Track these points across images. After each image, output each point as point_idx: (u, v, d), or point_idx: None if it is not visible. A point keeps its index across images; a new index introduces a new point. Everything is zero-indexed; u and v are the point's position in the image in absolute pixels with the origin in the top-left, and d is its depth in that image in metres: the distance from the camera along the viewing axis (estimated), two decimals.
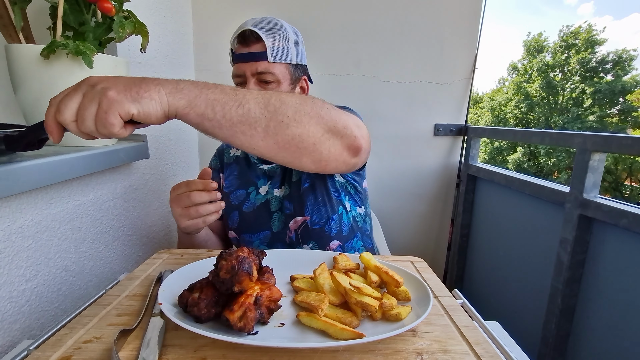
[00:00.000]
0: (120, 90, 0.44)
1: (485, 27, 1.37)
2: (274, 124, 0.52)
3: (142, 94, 0.46)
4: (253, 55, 0.80)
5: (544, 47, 20.57)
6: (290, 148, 0.54)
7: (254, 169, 0.96)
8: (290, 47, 0.83)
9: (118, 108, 0.43)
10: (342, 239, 0.90)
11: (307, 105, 0.55)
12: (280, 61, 0.81)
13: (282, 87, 0.83)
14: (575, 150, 1.04)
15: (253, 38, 0.80)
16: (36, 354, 0.43)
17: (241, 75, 0.83)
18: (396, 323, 0.49)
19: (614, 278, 0.94)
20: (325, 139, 0.57)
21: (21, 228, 0.62)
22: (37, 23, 0.75)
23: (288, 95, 0.55)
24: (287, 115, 0.53)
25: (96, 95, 0.43)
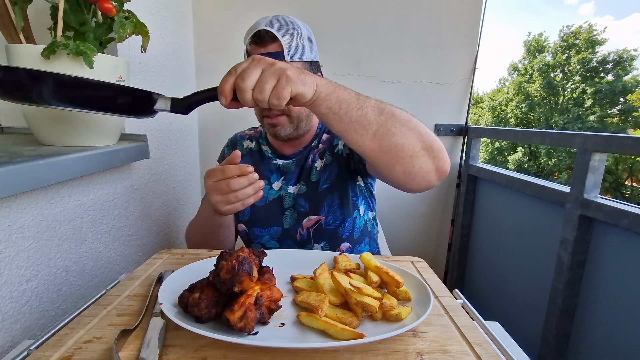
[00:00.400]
0: (294, 72, 0.54)
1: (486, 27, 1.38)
2: (383, 130, 0.60)
3: (307, 80, 0.55)
4: (269, 56, 0.78)
5: (545, 47, 20.56)
6: (390, 154, 0.61)
7: (267, 162, 0.95)
8: (305, 44, 0.82)
9: (292, 86, 0.53)
10: (353, 242, 0.90)
11: (412, 122, 0.63)
12: (297, 60, 0.80)
13: None
14: (576, 151, 1.04)
15: (268, 38, 0.79)
16: (37, 354, 0.43)
17: None
18: (396, 323, 0.49)
19: (614, 278, 0.94)
20: (420, 155, 0.63)
21: (22, 228, 0.62)
22: (38, 23, 0.75)
23: (399, 110, 0.65)
24: (394, 126, 0.61)
25: (276, 72, 0.53)
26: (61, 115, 0.71)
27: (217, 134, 1.63)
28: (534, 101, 19.84)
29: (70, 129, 0.73)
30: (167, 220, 1.24)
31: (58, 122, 0.72)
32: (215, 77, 1.78)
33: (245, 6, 1.53)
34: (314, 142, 0.94)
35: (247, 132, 1.03)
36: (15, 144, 0.74)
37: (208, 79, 1.58)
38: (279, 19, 0.82)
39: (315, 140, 0.94)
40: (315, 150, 0.92)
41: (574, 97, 18.93)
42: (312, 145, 0.93)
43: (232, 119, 1.61)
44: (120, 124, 0.84)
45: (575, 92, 18.89)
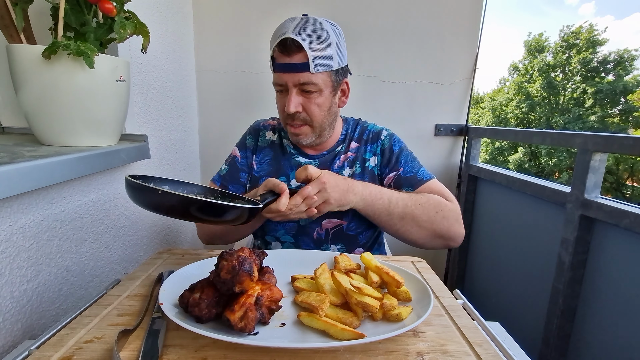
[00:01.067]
0: (337, 198, 0.74)
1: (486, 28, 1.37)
2: (402, 231, 0.81)
3: (346, 200, 0.76)
4: (295, 67, 0.78)
5: (545, 47, 20.54)
6: (406, 241, 0.84)
7: (288, 158, 0.93)
8: (332, 52, 0.80)
9: (325, 209, 0.74)
10: (367, 248, 0.92)
11: (427, 216, 0.80)
12: (322, 70, 0.79)
13: (323, 95, 0.82)
14: (577, 151, 1.04)
15: (294, 47, 0.77)
16: (37, 354, 0.43)
17: (282, 84, 0.81)
18: (397, 323, 0.49)
19: (615, 278, 0.94)
20: (431, 242, 0.83)
21: (22, 228, 0.62)
22: (39, 24, 0.75)
23: (419, 207, 0.80)
24: (412, 226, 0.81)
25: (322, 198, 0.73)
26: (62, 116, 0.71)
27: (218, 134, 1.63)
28: (534, 101, 19.82)
29: (71, 129, 0.73)
30: (167, 220, 1.24)
31: (59, 122, 0.72)
32: (216, 77, 1.78)
33: (245, 6, 1.53)
34: (340, 147, 0.93)
35: (270, 122, 1.00)
36: (16, 144, 0.74)
37: (209, 78, 1.58)
38: (308, 23, 0.78)
39: (341, 146, 0.93)
40: (342, 156, 0.92)
41: (574, 97, 18.91)
42: (338, 151, 0.93)
43: (232, 120, 1.61)
44: (120, 124, 0.85)
45: (575, 92, 18.87)
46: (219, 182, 0.93)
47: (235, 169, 0.94)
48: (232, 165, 0.95)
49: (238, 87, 1.60)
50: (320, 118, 0.84)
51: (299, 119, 0.83)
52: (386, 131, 0.96)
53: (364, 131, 0.96)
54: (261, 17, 1.53)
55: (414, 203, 0.80)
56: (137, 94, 1.04)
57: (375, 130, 0.95)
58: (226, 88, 1.59)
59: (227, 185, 0.92)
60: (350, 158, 0.92)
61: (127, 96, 0.83)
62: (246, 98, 1.60)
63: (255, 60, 1.56)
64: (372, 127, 0.97)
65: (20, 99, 0.71)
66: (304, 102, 0.81)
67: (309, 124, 0.84)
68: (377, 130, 0.95)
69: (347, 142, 0.94)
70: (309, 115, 0.83)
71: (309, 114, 0.82)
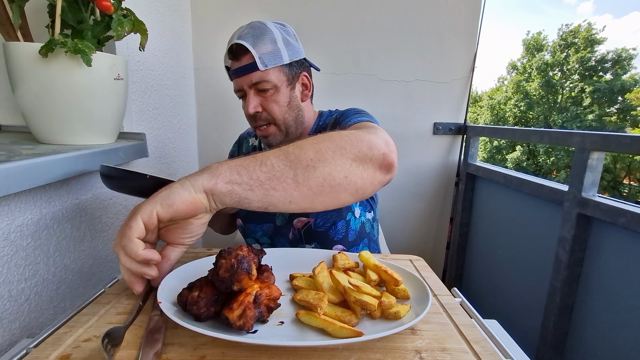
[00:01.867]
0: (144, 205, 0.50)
1: (485, 26, 1.38)
2: (301, 170, 0.52)
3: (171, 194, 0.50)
4: (245, 69, 0.80)
5: (544, 46, 20.57)
6: (325, 190, 0.54)
7: None
8: (280, 48, 0.82)
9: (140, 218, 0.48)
10: (347, 244, 0.89)
11: (325, 142, 0.55)
12: (272, 66, 0.80)
13: (280, 91, 0.83)
14: (574, 149, 1.05)
15: (241, 51, 0.80)
16: (35, 353, 0.43)
17: (240, 89, 0.84)
18: (395, 321, 0.49)
19: (612, 276, 0.95)
20: (354, 168, 0.56)
21: (20, 227, 0.61)
22: (35, 21, 0.75)
23: (304, 140, 0.56)
24: (310, 158, 0.53)
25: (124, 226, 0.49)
26: (59, 114, 0.71)
27: (215, 132, 1.63)
28: (532, 100, 19.86)
29: (69, 128, 0.73)
30: None
31: (56, 121, 0.72)
32: (214, 75, 1.78)
33: (243, 5, 1.53)
34: None
35: (252, 130, 1.04)
36: (13, 143, 0.74)
37: (207, 76, 1.58)
38: (251, 28, 0.81)
39: None
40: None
41: (572, 95, 18.95)
42: None
43: (229, 118, 1.61)
44: (118, 122, 0.84)
45: (573, 91, 18.92)
46: None
47: None
48: None
49: None
50: (281, 114, 0.85)
51: (261, 119, 0.85)
52: (340, 109, 0.93)
53: (334, 119, 0.91)
54: (259, 15, 1.52)
55: (304, 140, 0.56)
56: (135, 92, 1.04)
57: (341, 111, 0.91)
58: (224, 86, 1.59)
59: None
60: None
61: (125, 94, 0.82)
62: None
63: None
64: (337, 112, 0.92)
65: (17, 97, 0.70)
66: (262, 102, 0.83)
67: (272, 123, 0.85)
68: (343, 110, 0.91)
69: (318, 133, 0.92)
70: (269, 114, 0.84)
71: (269, 112, 0.84)
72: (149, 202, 0.48)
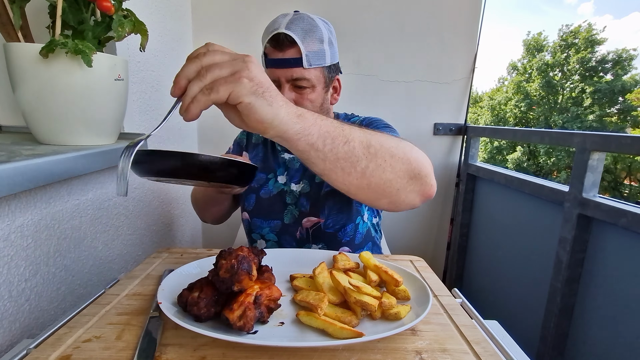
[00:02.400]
0: (252, 78, 0.44)
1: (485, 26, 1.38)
2: (373, 166, 0.53)
3: (274, 101, 0.45)
4: (288, 62, 0.77)
5: (544, 47, 20.56)
6: (378, 190, 0.56)
7: (276, 155, 0.95)
8: (325, 49, 0.80)
9: (229, 90, 0.43)
10: (354, 247, 0.89)
11: (400, 150, 0.56)
12: (315, 66, 0.79)
13: (316, 91, 0.82)
14: (575, 150, 1.05)
15: (287, 42, 0.76)
16: (36, 353, 0.43)
17: (275, 80, 0.80)
18: (395, 322, 0.49)
19: (613, 277, 0.94)
20: (407, 185, 0.58)
21: (20, 227, 0.61)
22: (36, 22, 0.75)
23: (386, 137, 0.57)
24: (384, 159, 0.54)
25: (234, 66, 0.44)
26: (60, 114, 0.71)
27: (216, 132, 1.63)
28: (533, 100, 19.85)
29: (69, 128, 0.73)
30: (166, 219, 1.24)
31: (57, 121, 0.72)
32: None
33: (243, 4, 1.53)
34: None
35: None
36: (13, 143, 0.74)
37: None
38: (300, 19, 0.78)
39: None
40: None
41: (573, 96, 18.94)
42: None
43: None
44: (118, 123, 0.84)
45: (574, 91, 18.91)
46: None
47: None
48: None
49: None
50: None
51: None
52: (365, 117, 0.94)
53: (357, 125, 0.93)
54: (259, 15, 1.53)
55: (378, 134, 0.57)
56: (136, 92, 1.04)
57: (358, 120, 0.94)
58: None
59: None
60: None
61: (126, 95, 0.82)
62: None
63: None
64: (357, 118, 0.95)
65: (18, 98, 0.70)
66: (297, 98, 0.80)
67: None
68: (362, 118, 0.94)
69: None
70: None
71: None
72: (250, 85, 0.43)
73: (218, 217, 1.02)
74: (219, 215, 1.00)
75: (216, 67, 0.44)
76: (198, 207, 1.00)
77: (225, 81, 0.43)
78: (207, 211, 0.98)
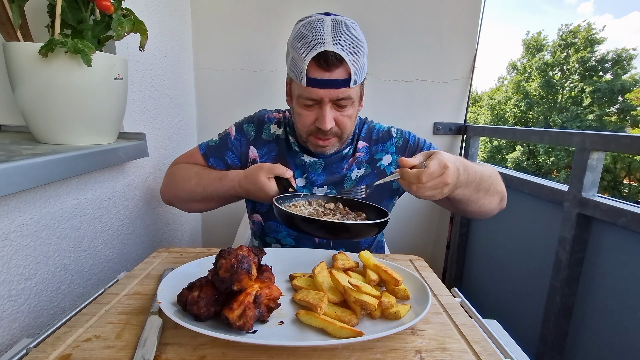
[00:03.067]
0: (453, 181, 0.65)
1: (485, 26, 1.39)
2: (486, 202, 0.78)
3: (459, 182, 0.68)
4: (335, 83, 0.72)
5: (544, 46, 20.56)
6: (482, 214, 0.83)
7: (293, 156, 0.89)
8: (365, 62, 0.77)
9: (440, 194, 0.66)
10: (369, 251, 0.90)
11: (498, 186, 0.81)
12: (360, 82, 0.77)
13: (354, 106, 0.79)
14: (574, 149, 1.05)
15: (335, 61, 0.70)
16: (35, 353, 0.43)
17: (317, 99, 0.75)
18: (395, 321, 0.49)
19: (612, 276, 0.95)
20: (497, 208, 0.83)
21: (20, 227, 0.61)
22: (35, 21, 0.75)
23: (489, 177, 0.77)
24: (492, 196, 0.80)
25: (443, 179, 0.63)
26: (59, 114, 0.71)
27: (215, 131, 1.62)
28: (532, 100, 19.86)
29: (69, 127, 0.73)
30: (165, 218, 1.24)
31: (56, 121, 0.72)
32: (214, 75, 1.77)
33: (243, 4, 1.53)
34: (348, 149, 0.89)
35: (276, 115, 0.93)
36: (13, 143, 0.74)
37: (207, 76, 1.58)
38: (345, 31, 0.72)
39: (349, 148, 0.90)
40: (350, 159, 0.88)
41: (572, 96, 18.95)
42: (346, 153, 0.89)
43: (230, 118, 1.61)
44: (118, 122, 0.84)
45: (573, 91, 18.91)
46: (203, 151, 0.90)
47: (224, 145, 0.90)
48: (222, 140, 0.91)
49: (236, 85, 1.59)
50: (349, 129, 0.81)
51: (331, 132, 0.79)
52: (394, 128, 0.94)
53: (371, 130, 0.93)
54: (259, 14, 1.53)
55: (489, 173, 0.77)
56: (135, 92, 1.04)
57: (384, 129, 0.93)
58: (224, 86, 1.59)
59: (209, 157, 0.89)
60: (359, 159, 0.89)
61: (125, 94, 0.82)
62: (244, 96, 1.60)
63: (254, 58, 1.56)
64: (380, 127, 0.94)
65: (17, 97, 0.70)
66: (337, 117, 0.77)
67: (337, 136, 0.81)
68: (386, 129, 0.93)
69: (355, 142, 0.91)
70: (340, 129, 0.79)
71: (341, 127, 0.79)
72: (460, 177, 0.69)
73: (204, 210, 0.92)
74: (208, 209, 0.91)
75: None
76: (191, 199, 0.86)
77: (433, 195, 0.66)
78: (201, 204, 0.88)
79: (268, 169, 0.77)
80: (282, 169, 0.77)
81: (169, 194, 0.90)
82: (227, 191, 0.82)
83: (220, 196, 0.84)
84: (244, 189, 0.79)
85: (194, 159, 0.91)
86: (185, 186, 0.85)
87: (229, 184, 0.81)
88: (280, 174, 0.77)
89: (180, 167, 0.90)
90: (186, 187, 0.85)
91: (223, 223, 1.70)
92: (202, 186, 0.83)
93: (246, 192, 0.80)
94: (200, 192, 0.84)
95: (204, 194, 0.84)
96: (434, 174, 0.61)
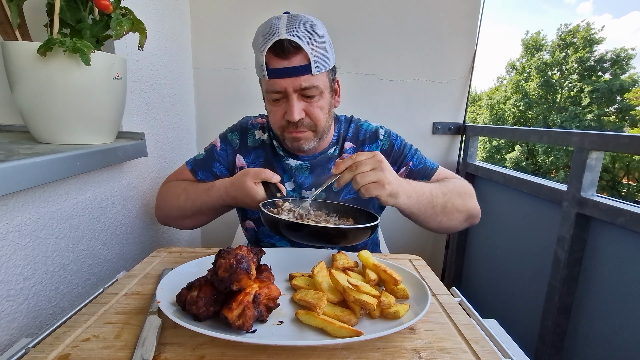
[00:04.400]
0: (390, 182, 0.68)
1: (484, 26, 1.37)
2: (446, 219, 0.80)
3: (401, 189, 0.71)
4: (296, 70, 0.72)
5: (543, 46, 20.58)
6: (444, 230, 0.85)
7: (279, 160, 0.89)
8: (328, 51, 0.76)
9: (375, 192, 0.68)
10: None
11: (463, 205, 0.82)
12: (322, 71, 0.75)
13: (324, 97, 0.78)
14: (573, 149, 1.05)
15: (292, 48, 0.71)
16: (34, 353, 0.43)
17: (281, 91, 0.75)
18: (394, 321, 0.49)
19: (611, 276, 0.95)
20: (463, 225, 0.84)
21: (19, 226, 0.61)
22: (34, 20, 0.75)
23: (454, 194, 0.81)
24: (453, 214, 0.81)
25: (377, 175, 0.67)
26: (58, 113, 0.71)
27: (215, 131, 1.62)
28: (531, 100, 19.88)
29: (67, 127, 0.73)
30: None
31: (55, 120, 0.71)
32: (212, 74, 1.77)
33: (242, 3, 1.53)
34: (333, 149, 0.89)
35: (259, 120, 0.94)
36: (11, 142, 0.74)
37: (206, 76, 1.57)
38: (299, 22, 0.73)
39: (334, 148, 0.90)
40: (336, 160, 0.85)
41: (571, 95, 18.98)
42: (331, 154, 0.89)
43: (229, 118, 1.60)
44: (117, 122, 0.84)
45: (572, 90, 18.94)
46: (191, 166, 0.90)
47: (211, 157, 0.91)
48: (209, 153, 0.91)
49: (235, 84, 1.59)
50: (323, 122, 0.80)
51: (303, 125, 0.78)
52: (382, 129, 0.93)
53: (358, 130, 0.92)
54: (258, 14, 1.52)
55: (448, 191, 0.80)
56: (134, 91, 1.04)
57: (372, 130, 0.92)
58: (223, 85, 1.59)
59: (197, 171, 0.89)
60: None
61: (124, 94, 0.82)
62: (243, 96, 1.60)
63: (252, 57, 1.55)
64: (367, 126, 0.93)
65: (16, 96, 0.70)
66: (306, 108, 0.77)
67: (312, 129, 0.80)
68: (374, 129, 0.92)
69: (341, 143, 0.90)
70: (312, 121, 0.78)
71: (313, 119, 0.78)
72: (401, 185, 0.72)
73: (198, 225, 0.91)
74: (201, 223, 0.89)
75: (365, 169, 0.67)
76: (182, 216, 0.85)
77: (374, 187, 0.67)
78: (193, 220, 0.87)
79: (254, 173, 0.75)
80: (269, 174, 0.75)
81: (162, 214, 0.89)
82: (215, 201, 0.80)
83: (210, 208, 0.82)
84: (231, 196, 0.78)
85: (182, 176, 0.91)
86: (175, 203, 0.84)
87: (216, 193, 0.80)
88: (267, 179, 0.75)
89: (169, 185, 0.90)
90: (175, 204, 0.84)
91: (222, 223, 1.70)
92: (190, 200, 0.83)
93: (234, 200, 0.78)
94: (190, 207, 0.83)
95: (194, 209, 0.83)
96: (364, 155, 0.67)
